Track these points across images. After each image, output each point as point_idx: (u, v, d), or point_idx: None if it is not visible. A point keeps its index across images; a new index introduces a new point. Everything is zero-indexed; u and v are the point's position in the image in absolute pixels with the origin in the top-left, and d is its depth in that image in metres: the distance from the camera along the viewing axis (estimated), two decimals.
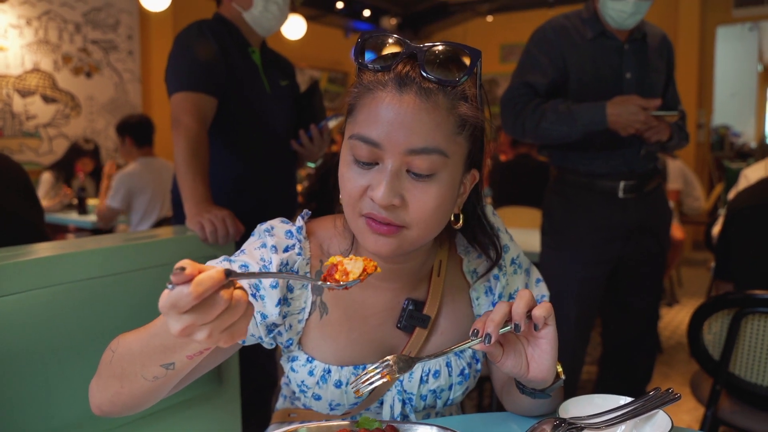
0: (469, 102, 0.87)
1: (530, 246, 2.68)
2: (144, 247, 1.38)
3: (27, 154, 5.35)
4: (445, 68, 0.85)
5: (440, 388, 1.01)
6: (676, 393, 0.87)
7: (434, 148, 0.84)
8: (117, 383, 0.82)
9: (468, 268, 1.05)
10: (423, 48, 0.85)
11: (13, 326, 1.13)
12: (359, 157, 0.85)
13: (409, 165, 0.84)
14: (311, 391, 1.00)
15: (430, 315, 1.01)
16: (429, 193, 0.85)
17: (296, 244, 0.99)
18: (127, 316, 1.34)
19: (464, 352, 1.03)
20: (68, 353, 1.23)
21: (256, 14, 1.91)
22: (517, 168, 4.45)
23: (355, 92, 0.88)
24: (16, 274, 1.14)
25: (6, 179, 1.53)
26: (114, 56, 6.03)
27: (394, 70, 0.85)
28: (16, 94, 5.33)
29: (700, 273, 6.02)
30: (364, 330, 1.00)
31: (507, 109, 2.17)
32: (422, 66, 0.84)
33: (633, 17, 2.02)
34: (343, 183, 0.89)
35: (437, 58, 0.84)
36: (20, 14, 5.30)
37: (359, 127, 0.85)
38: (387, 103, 0.83)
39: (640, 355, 2.30)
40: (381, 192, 0.83)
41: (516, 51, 8.66)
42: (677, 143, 2.15)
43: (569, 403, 0.89)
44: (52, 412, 1.20)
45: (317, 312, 1.00)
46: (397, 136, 0.82)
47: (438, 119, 0.84)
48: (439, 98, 0.84)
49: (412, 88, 0.83)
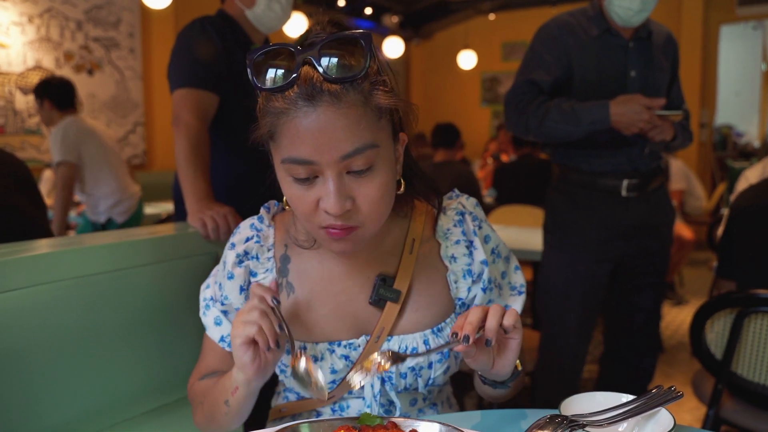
0: (376, 84, 0.88)
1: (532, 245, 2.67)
2: (146, 243, 1.38)
3: (29, 151, 5.35)
4: (344, 64, 0.83)
5: (419, 365, 1.03)
6: (679, 391, 0.87)
7: (364, 145, 0.85)
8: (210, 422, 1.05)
9: (446, 253, 1.07)
10: (316, 49, 0.83)
11: (16, 322, 1.14)
12: (298, 177, 0.87)
13: (347, 167, 0.86)
14: (289, 369, 1.02)
15: (400, 290, 1.03)
16: (373, 185, 0.88)
17: (255, 233, 1.07)
18: (129, 312, 1.34)
19: (443, 331, 1.05)
20: (70, 349, 1.23)
21: (258, 12, 1.90)
22: (519, 167, 4.45)
23: (269, 120, 0.87)
24: (19, 270, 1.14)
25: (9, 176, 1.53)
26: (115, 54, 6.02)
27: (298, 84, 0.84)
28: (18, 91, 5.33)
29: (702, 272, 6.01)
30: (334, 305, 1.04)
31: (510, 108, 2.16)
32: (323, 73, 0.83)
33: (639, 15, 2.01)
34: (292, 203, 0.92)
35: (332, 57, 0.83)
36: (22, 11, 5.29)
37: (287, 150, 0.86)
38: (305, 121, 0.83)
39: (641, 354, 2.30)
40: (332, 203, 0.85)
41: (518, 49, 8.65)
42: (681, 143, 2.15)
43: (571, 401, 0.88)
44: (56, 406, 1.20)
45: (284, 293, 1.05)
46: (326, 149, 0.84)
47: (357, 117, 0.85)
48: (351, 96, 0.84)
49: (323, 98, 0.83)
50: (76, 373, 1.24)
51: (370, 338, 1.02)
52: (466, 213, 1.10)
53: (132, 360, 1.35)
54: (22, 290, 1.14)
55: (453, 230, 1.08)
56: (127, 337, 1.34)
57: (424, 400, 1.11)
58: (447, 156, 4.08)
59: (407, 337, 1.03)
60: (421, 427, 0.81)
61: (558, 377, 2.24)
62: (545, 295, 2.26)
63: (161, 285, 1.39)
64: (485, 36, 8.91)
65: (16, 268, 1.14)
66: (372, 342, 1.02)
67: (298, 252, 1.06)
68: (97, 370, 1.28)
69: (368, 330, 1.04)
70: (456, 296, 1.07)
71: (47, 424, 1.19)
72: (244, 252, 1.06)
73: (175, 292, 1.40)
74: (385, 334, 1.02)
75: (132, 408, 1.36)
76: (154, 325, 1.38)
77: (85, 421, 1.26)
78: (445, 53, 9.33)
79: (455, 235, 1.08)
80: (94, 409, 1.28)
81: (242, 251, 1.06)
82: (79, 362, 1.24)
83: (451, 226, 1.09)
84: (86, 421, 1.27)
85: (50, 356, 1.19)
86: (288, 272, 1.06)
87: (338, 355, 1.02)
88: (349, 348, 1.03)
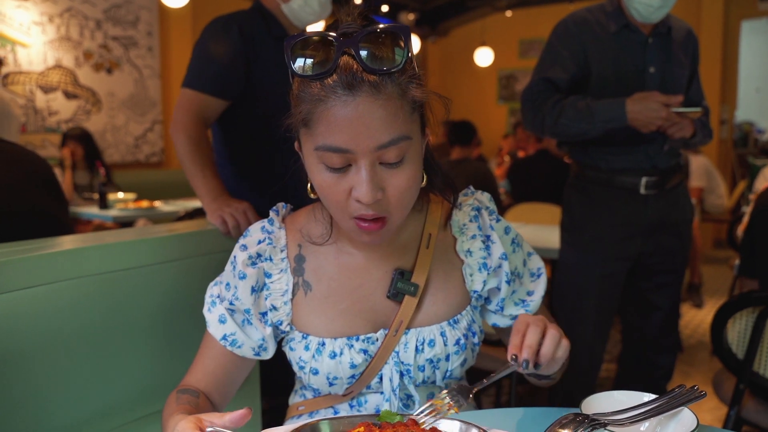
0: (413, 77, 0.89)
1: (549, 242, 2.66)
2: (165, 240, 1.39)
3: (49, 149, 5.41)
4: (383, 56, 0.85)
5: (436, 357, 1.03)
6: (702, 391, 0.86)
7: (399, 137, 0.87)
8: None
9: (462, 247, 1.08)
10: (356, 40, 0.84)
11: (38, 319, 1.15)
12: (332, 165, 0.88)
13: (381, 158, 0.87)
14: (308, 365, 1.03)
15: (418, 283, 1.04)
16: (403, 177, 0.89)
17: (266, 236, 1.07)
18: (149, 308, 1.35)
19: (459, 323, 1.06)
20: (92, 345, 1.24)
21: (294, 8, 1.87)
22: (535, 164, 4.42)
23: (305, 107, 0.88)
24: (41, 267, 1.16)
25: (31, 173, 1.55)
26: (134, 52, 6.07)
27: (338, 72, 0.85)
28: (39, 90, 5.39)
29: (722, 271, 5.94)
30: (352, 301, 1.05)
31: (527, 105, 2.15)
32: (363, 63, 0.84)
33: (659, 11, 1.99)
34: (323, 191, 0.91)
35: (372, 48, 0.85)
36: (43, 11, 5.35)
37: (323, 137, 0.86)
38: (343, 109, 0.84)
39: (660, 353, 2.27)
40: (364, 191, 0.86)
41: (535, 46, 8.60)
42: (701, 140, 2.12)
43: (592, 400, 0.88)
44: (76, 402, 1.22)
45: (301, 290, 1.06)
46: (363, 138, 0.84)
47: (395, 109, 0.86)
48: (389, 87, 0.86)
49: (363, 87, 0.84)
50: (98, 368, 1.25)
51: (388, 332, 1.03)
52: (482, 208, 1.11)
53: (152, 355, 1.36)
54: (43, 287, 1.16)
55: (469, 225, 1.09)
56: (147, 333, 1.35)
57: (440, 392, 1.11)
58: (463, 153, 4.06)
59: (425, 329, 1.04)
60: (442, 424, 0.81)
61: (575, 375, 2.23)
62: (562, 293, 2.25)
63: (180, 282, 1.41)
64: (502, 33, 8.86)
65: (38, 265, 1.15)
66: (390, 335, 1.03)
67: (313, 250, 1.07)
68: (119, 366, 1.30)
69: (386, 324, 1.05)
70: (471, 288, 1.08)
71: (67, 420, 1.21)
72: (256, 254, 1.05)
73: (194, 289, 1.41)
74: (404, 327, 1.03)
75: (151, 405, 1.37)
76: (173, 321, 1.39)
77: (105, 417, 1.28)
78: (461, 50, 9.29)
79: (471, 230, 1.08)
80: (114, 405, 1.30)
81: (255, 253, 1.05)
82: (100, 357, 1.25)
83: (466, 221, 1.09)
84: (106, 417, 1.28)
85: (72, 352, 1.21)
86: (304, 271, 1.06)
87: (357, 349, 1.03)
88: (367, 342, 1.03)
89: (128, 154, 6.09)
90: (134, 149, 6.14)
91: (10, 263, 1.11)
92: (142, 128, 6.18)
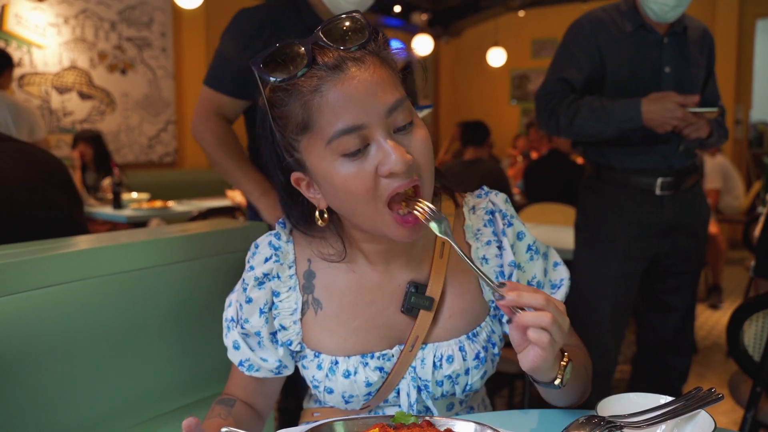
0: (384, 48, 0.90)
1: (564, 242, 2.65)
2: (180, 240, 1.40)
3: (64, 149, 5.46)
4: (348, 33, 0.87)
5: (455, 372, 1.00)
6: (719, 393, 0.85)
7: (402, 97, 0.87)
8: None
9: (477, 255, 1.03)
10: (319, 31, 0.86)
11: (54, 318, 1.16)
12: (349, 150, 0.85)
13: (393, 124, 0.86)
14: (322, 384, 1.01)
15: (433, 297, 1.00)
16: (419, 137, 0.89)
17: (273, 252, 1.04)
18: (164, 308, 1.35)
19: (478, 336, 1.02)
20: (107, 344, 1.25)
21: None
22: (548, 163, 4.40)
23: (299, 108, 0.86)
24: (57, 267, 1.16)
25: (48, 174, 1.56)
26: (148, 53, 6.11)
27: (316, 61, 0.85)
28: (54, 91, 5.44)
29: (738, 272, 5.89)
30: (366, 317, 1.01)
31: (541, 105, 2.14)
32: (334, 44, 0.85)
33: (675, 10, 1.97)
34: (348, 188, 0.86)
35: (336, 31, 0.87)
36: (58, 13, 5.40)
37: (331, 125, 0.84)
38: (340, 87, 0.83)
39: (675, 355, 2.26)
40: (395, 158, 0.83)
41: (548, 46, 8.56)
42: (717, 140, 2.10)
43: (608, 401, 0.87)
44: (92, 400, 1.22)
45: (311, 309, 1.03)
46: (370, 105, 0.84)
47: (385, 74, 0.87)
48: (370, 58, 0.86)
49: (347, 63, 0.85)
50: (112, 367, 1.26)
51: (404, 348, 1.00)
52: (496, 211, 1.06)
53: (166, 355, 1.37)
54: (59, 286, 1.16)
55: (483, 231, 1.04)
56: (161, 332, 1.35)
57: (461, 404, 1.09)
58: (476, 154, 4.05)
59: (442, 344, 1.00)
60: (457, 426, 0.81)
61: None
62: (577, 293, 2.23)
63: (195, 282, 1.41)
64: (515, 33, 8.83)
65: (54, 265, 1.16)
66: (406, 351, 1.00)
67: (323, 266, 1.03)
68: (133, 365, 1.30)
69: (402, 339, 1.01)
70: (489, 299, 1.04)
71: (81, 419, 1.21)
72: (263, 274, 1.03)
73: (209, 288, 1.41)
74: (419, 342, 1.00)
75: (164, 404, 1.38)
76: (187, 321, 1.40)
77: (119, 416, 1.28)
78: (474, 50, 9.28)
79: (486, 236, 1.04)
80: (128, 404, 1.30)
81: (261, 274, 1.03)
82: (114, 357, 1.26)
83: (481, 226, 1.05)
84: (121, 416, 1.29)
85: (86, 351, 1.21)
86: (313, 288, 1.03)
87: (372, 367, 1.00)
88: (382, 359, 1.00)
89: (142, 155, 6.13)
90: (148, 149, 6.17)
91: (26, 263, 1.12)
92: (155, 128, 6.22)
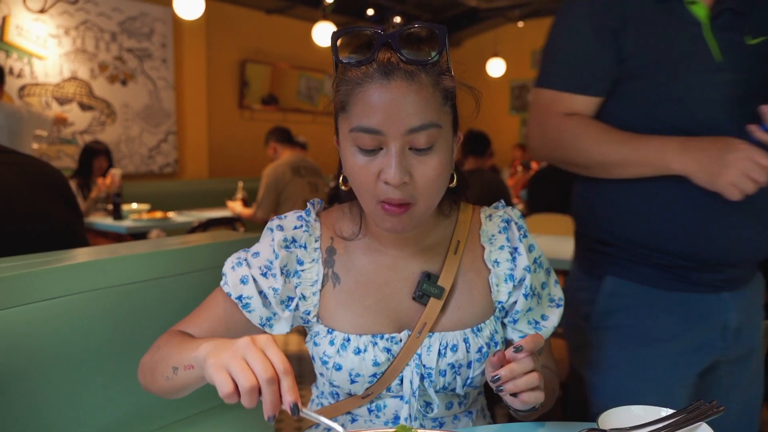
0: (447, 73, 0.97)
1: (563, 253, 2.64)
2: (180, 252, 1.40)
3: (65, 160, 5.47)
4: (420, 48, 0.93)
5: (458, 362, 1.04)
6: (721, 406, 0.85)
7: (429, 123, 0.92)
8: (150, 373, 1.03)
9: (489, 257, 1.10)
10: (396, 34, 0.92)
11: (54, 331, 1.16)
12: (363, 146, 0.93)
13: (411, 143, 0.92)
14: (332, 360, 1.04)
15: (444, 287, 1.06)
16: (431, 164, 0.93)
17: (303, 223, 1.10)
18: (163, 321, 1.35)
19: (482, 332, 1.06)
20: (105, 358, 1.24)
21: None
22: (552, 175, 4.40)
23: (344, 90, 0.94)
24: (57, 280, 1.16)
25: (46, 185, 1.56)
26: (148, 64, 6.14)
27: (376, 60, 0.92)
28: (55, 102, 5.46)
29: None
30: (378, 298, 1.06)
31: None
32: (399, 52, 0.91)
33: None
34: (354, 174, 0.95)
35: (411, 41, 0.92)
36: (59, 24, 5.43)
37: (357, 119, 0.92)
38: (378, 93, 0.91)
39: None
40: (392, 172, 0.90)
41: None
42: None
43: (609, 414, 0.87)
44: (90, 414, 1.22)
45: (330, 282, 1.08)
46: (395, 120, 0.90)
47: (426, 96, 0.92)
48: (422, 77, 0.92)
49: (398, 74, 0.91)
50: (112, 381, 1.25)
51: (411, 333, 1.04)
52: (512, 221, 1.13)
53: None
54: (59, 299, 1.16)
55: (498, 236, 1.11)
56: None
57: (459, 404, 1.11)
58: (477, 164, 4.06)
59: (448, 334, 1.04)
60: None
61: None
62: None
63: (195, 294, 1.41)
64: (514, 43, 8.88)
65: (53, 278, 1.16)
66: (414, 337, 1.03)
67: (344, 245, 1.10)
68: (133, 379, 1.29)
69: (410, 325, 1.06)
70: (496, 299, 1.09)
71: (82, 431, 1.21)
72: (292, 238, 1.07)
73: None
74: (427, 330, 1.04)
75: (164, 417, 1.37)
76: None
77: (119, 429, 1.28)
78: (473, 61, 9.31)
79: (499, 241, 1.11)
80: (128, 418, 1.30)
81: (290, 237, 1.07)
82: (115, 370, 1.26)
83: (496, 232, 1.12)
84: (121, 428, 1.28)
85: (86, 364, 1.21)
86: (334, 263, 1.08)
87: (380, 347, 1.03)
88: (390, 341, 1.04)
89: (142, 165, 6.15)
90: (148, 160, 6.19)
91: (27, 276, 1.12)
92: (156, 139, 6.24)
